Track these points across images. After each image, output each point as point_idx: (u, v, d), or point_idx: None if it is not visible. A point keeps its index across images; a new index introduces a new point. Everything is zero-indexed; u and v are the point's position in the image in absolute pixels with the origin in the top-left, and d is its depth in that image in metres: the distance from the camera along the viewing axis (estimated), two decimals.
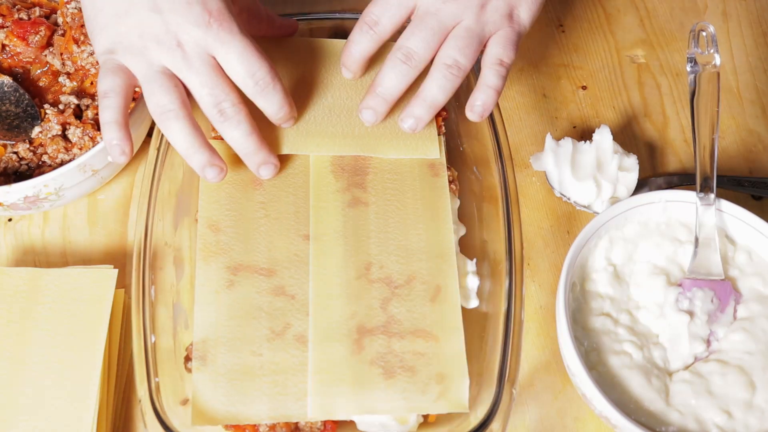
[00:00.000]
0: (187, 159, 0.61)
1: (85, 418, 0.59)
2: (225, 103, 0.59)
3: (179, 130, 0.59)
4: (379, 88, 0.64)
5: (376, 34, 0.63)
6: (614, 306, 0.64)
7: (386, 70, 0.63)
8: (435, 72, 0.63)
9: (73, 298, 0.64)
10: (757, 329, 0.62)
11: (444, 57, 0.62)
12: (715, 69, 0.68)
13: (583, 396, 0.60)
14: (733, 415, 0.58)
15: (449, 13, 0.61)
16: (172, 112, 0.59)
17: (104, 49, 0.60)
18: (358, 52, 0.64)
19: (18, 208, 0.68)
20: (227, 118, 0.60)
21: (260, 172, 0.63)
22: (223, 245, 0.62)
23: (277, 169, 0.64)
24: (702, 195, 0.65)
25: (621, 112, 0.83)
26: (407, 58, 0.62)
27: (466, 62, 0.62)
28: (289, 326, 0.59)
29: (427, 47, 0.62)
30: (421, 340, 0.58)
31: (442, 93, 0.63)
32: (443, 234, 0.63)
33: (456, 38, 0.62)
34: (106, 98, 0.59)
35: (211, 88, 0.59)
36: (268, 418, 0.55)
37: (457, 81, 0.63)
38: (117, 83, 0.59)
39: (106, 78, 0.59)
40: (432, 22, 0.61)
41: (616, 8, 0.91)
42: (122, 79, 0.59)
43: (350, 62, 0.66)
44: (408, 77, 0.63)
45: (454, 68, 0.62)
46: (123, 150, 0.59)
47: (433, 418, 0.58)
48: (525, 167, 0.78)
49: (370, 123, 0.66)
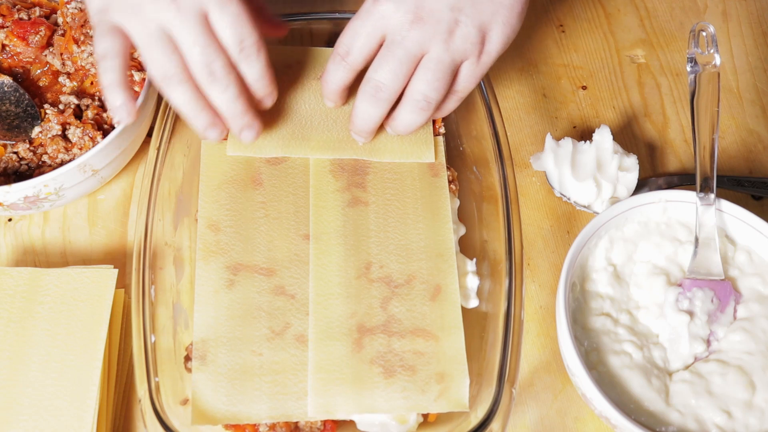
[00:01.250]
0: (189, 121, 0.61)
1: (85, 418, 0.59)
2: (216, 63, 0.59)
3: (182, 93, 0.60)
4: (356, 120, 0.64)
5: (349, 64, 0.62)
6: (614, 306, 0.64)
7: (358, 104, 0.63)
8: (406, 105, 0.63)
9: (73, 298, 0.64)
10: (757, 329, 0.62)
11: (413, 92, 0.62)
12: (715, 69, 0.68)
13: (583, 396, 0.60)
14: (733, 415, 0.58)
15: (415, 41, 0.60)
16: (175, 77, 0.59)
17: (98, 8, 0.60)
18: (335, 83, 0.64)
19: (18, 208, 0.68)
20: (216, 80, 0.59)
21: (242, 135, 0.63)
22: (223, 245, 0.62)
23: (259, 134, 0.64)
24: (702, 195, 0.65)
25: (621, 112, 0.83)
26: (377, 90, 0.61)
27: (436, 95, 0.62)
28: (289, 326, 0.59)
29: (395, 78, 0.61)
30: (421, 339, 0.58)
31: (412, 128, 0.64)
32: (443, 234, 0.63)
33: (425, 70, 0.61)
34: (104, 61, 0.59)
35: (204, 47, 0.58)
36: (268, 418, 0.55)
37: (427, 114, 0.63)
38: (115, 45, 0.59)
39: (103, 39, 0.59)
40: (399, 52, 0.60)
41: (616, 8, 0.91)
42: (119, 40, 0.59)
43: (329, 92, 0.66)
44: (381, 108, 0.63)
45: (423, 103, 0.62)
46: (128, 111, 0.60)
47: (433, 417, 0.58)
48: (525, 167, 0.78)
49: (362, 143, 0.67)
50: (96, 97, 0.73)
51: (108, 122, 0.71)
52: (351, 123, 0.65)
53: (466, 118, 0.72)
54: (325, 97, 0.67)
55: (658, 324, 0.63)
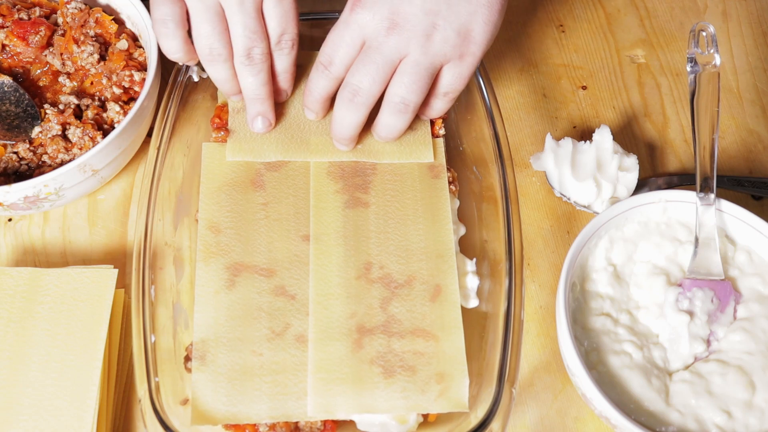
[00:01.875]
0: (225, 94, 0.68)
1: (85, 418, 0.59)
2: (256, 49, 0.63)
3: (223, 71, 0.64)
4: (335, 126, 0.64)
5: (332, 73, 0.63)
6: (614, 306, 0.64)
7: (336, 110, 0.63)
8: (385, 108, 0.63)
9: (73, 298, 0.64)
10: (757, 329, 0.62)
11: (391, 95, 0.62)
12: (715, 69, 0.68)
13: (583, 396, 0.60)
14: (733, 415, 0.58)
15: (392, 47, 0.60)
16: (221, 56, 0.63)
17: None
18: (317, 92, 0.65)
19: (18, 208, 0.68)
20: (253, 63, 0.63)
21: (254, 123, 0.67)
22: (224, 246, 0.62)
23: (271, 127, 0.67)
24: (702, 195, 0.65)
25: (621, 112, 0.83)
26: (354, 95, 0.62)
27: (415, 98, 0.62)
28: (289, 326, 0.59)
29: (372, 82, 0.61)
30: (421, 339, 0.58)
31: (394, 132, 0.65)
32: (443, 234, 0.63)
33: (403, 74, 0.61)
34: (164, 26, 0.63)
35: (252, 32, 0.62)
36: (268, 418, 0.55)
37: (407, 118, 0.63)
38: (175, 12, 0.63)
39: (164, 4, 0.62)
40: (376, 57, 0.60)
41: (616, 8, 0.91)
42: (179, 6, 0.62)
43: (311, 102, 0.66)
44: (359, 113, 0.63)
45: (401, 105, 0.62)
46: (194, 60, 0.66)
47: (433, 417, 0.58)
48: (525, 167, 0.78)
49: (345, 150, 0.67)
50: (96, 97, 0.73)
51: (108, 122, 0.71)
52: (331, 130, 0.65)
53: (466, 118, 0.72)
54: (306, 108, 0.67)
55: (658, 324, 0.63)
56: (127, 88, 0.73)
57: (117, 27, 0.75)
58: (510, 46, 0.87)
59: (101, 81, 0.73)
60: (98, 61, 0.73)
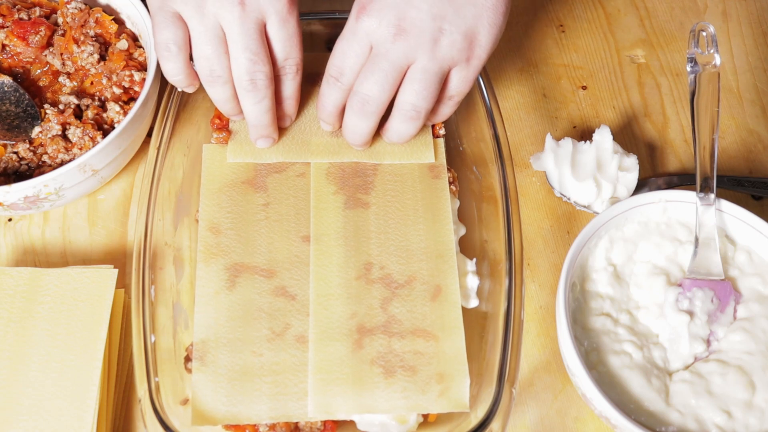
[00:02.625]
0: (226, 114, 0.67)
1: (85, 418, 0.59)
2: (259, 74, 0.61)
3: (223, 93, 0.63)
4: (347, 134, 0.65)
5: (343, 84, 0.63)
6: (614, 306, 0.64)
7: (347, 118, 0.63)
8: (396, 116, 0.63)
9: (73, 298, 0.64)
10: (757, 329, 0.62)
11: (402, 103, 0.62)
12: (715, 69, 0.68)
13: (583, 396, 0.60)
14: (733, 415, 0.58)
15: (400, 53, 0.59)
16: (221, 78, 0.62)
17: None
18: (331, 105, 0.64)
19: (18, 208, 0.68)
20: (256, 89, 0.62)
21: (258, 141, 0.66)
22: (224, 247, 0.62)
23: (274, 143, 0.67)
24: (702, 195, 0.65)
25: (621, 112, 0.83)
26: (364, 104, 0.61)
27: (425, 104, 0.62)
28: (289, 326, 0.59)
29: (381, 90, 0.61)
30: (422, 339, 0.58)
31: (405, 137, 0.65)
32: (443, 234, 0.63)
33: (413, 81, 0.61)
34: (168, 51, 0.62)
35: (254, 54, 0.61)
36: (268, 418, 0.55)
37: (418, 124, 0.63)
38: (178, 36, 0.62)
39: (167, 28, 0.61)
40: (383, 64, 0.60)
41: (616, 8, 0.91)
42: (181, 31, 0.61)
43: (326, 116, 0.66)
44: (370, 121, 0.63)
45: (413, 112, 0.62)
46: (195, 86, 0.65)
47: (433, 417, 0.58)
48: (525, 167, 0.78)
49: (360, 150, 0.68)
50: (96, 97, 0.73)
51: (108, 122, 0.71)
52: (344, 137, 0.65)
53: (466, 118, 0.72)
54: (321, 121, 0.67)
55: (658, 324, 0.63)
56: (127, 88, 0.73)
57: (117, 27, 0.75)
58: (510, 46, 0.87)
59: (101, 81, 0.73)
60: (98, 61, 0.73)
